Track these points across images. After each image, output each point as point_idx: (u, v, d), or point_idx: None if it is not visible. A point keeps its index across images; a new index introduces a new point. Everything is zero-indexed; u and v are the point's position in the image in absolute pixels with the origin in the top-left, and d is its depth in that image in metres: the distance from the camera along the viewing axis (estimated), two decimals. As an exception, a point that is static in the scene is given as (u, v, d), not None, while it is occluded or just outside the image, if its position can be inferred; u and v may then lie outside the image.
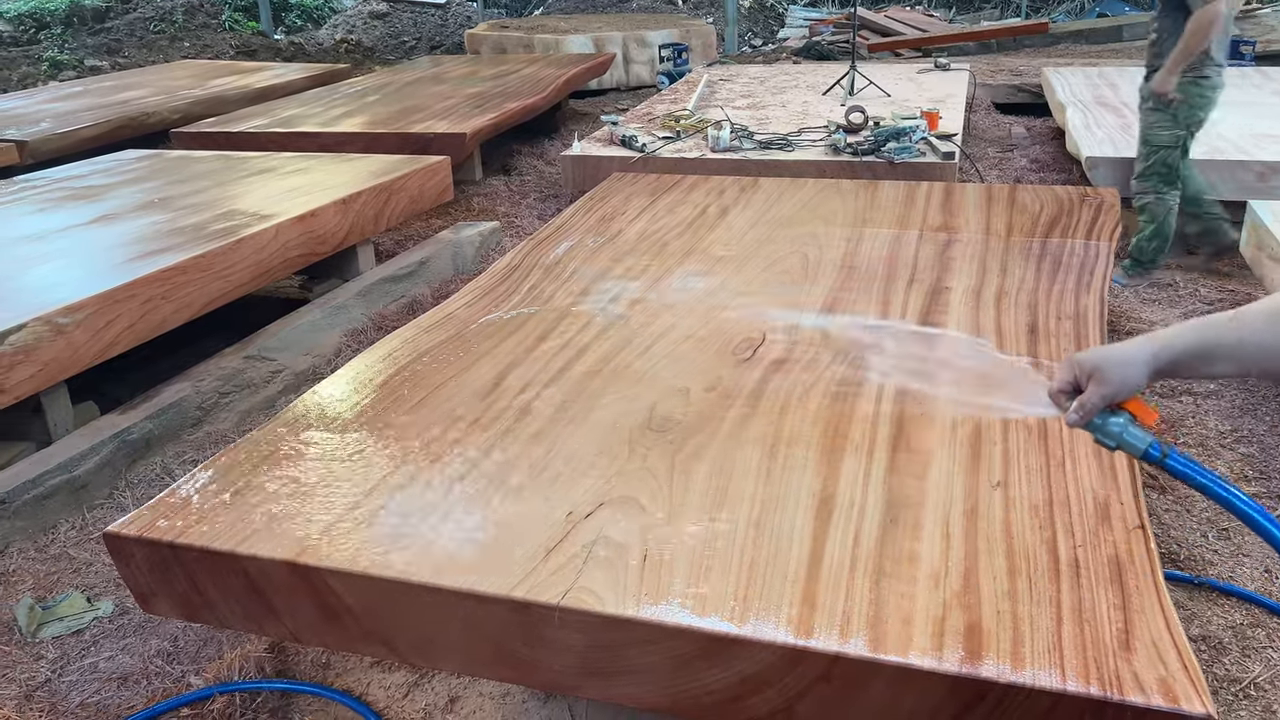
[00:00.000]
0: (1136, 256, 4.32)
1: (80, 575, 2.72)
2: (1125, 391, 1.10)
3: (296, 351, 3.84)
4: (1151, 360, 1.10)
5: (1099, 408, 1.10)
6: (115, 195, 4.34)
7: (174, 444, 3.30)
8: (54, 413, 3.10)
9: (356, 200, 4.24)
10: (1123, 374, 1.10)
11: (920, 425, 2.01)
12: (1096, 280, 2.81)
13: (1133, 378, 1.09)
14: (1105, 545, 1.61)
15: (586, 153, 5.55)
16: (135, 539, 1.78)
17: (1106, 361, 1.12)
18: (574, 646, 1.55)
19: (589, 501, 1.78)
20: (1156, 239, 4.23)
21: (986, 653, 1.38)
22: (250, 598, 1.75)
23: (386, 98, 6.83)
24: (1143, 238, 4.27)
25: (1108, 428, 1.10)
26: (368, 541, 1.70)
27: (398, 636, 1.69)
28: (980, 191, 3.73)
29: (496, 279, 3.02)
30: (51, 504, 2.91)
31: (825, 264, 3.00)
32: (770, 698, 1.48)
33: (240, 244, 3.62)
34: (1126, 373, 1.09)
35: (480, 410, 2.15)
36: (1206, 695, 1.30)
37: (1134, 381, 1.10)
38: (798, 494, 1.78)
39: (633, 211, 3.68)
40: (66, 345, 2.98)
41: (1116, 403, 1.11)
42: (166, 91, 7.42)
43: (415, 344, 2.53)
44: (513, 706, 2.16)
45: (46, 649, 2.44)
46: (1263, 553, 2.55)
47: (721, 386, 2.21)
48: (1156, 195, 4.19)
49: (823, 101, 6.59)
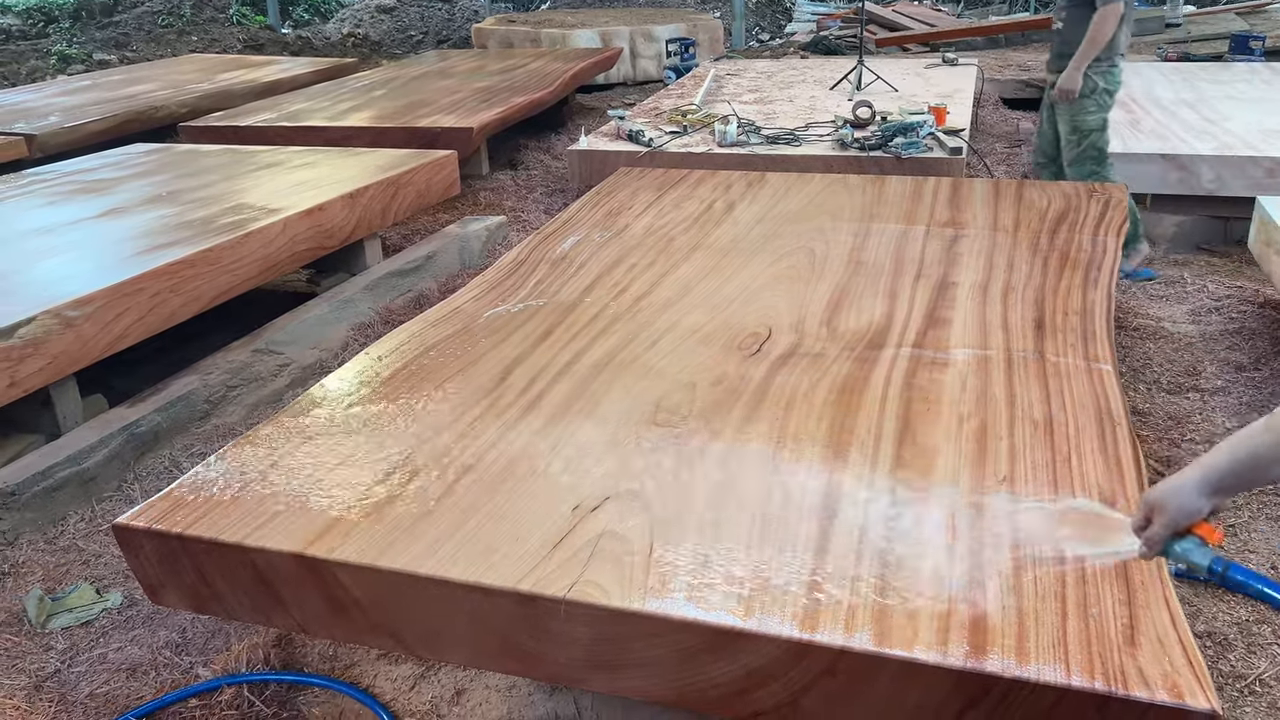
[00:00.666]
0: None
1: (89, 567, 2.73)
2: (1185, 517, 1.20)
3: (304, 345, 3.85)
4: (1201, 484, 1.20)
5: (1164, 538, 1.22)
6: (124, 189, 4.35)
7: (182, 437, 3.32)
8: (63, 405, 3.12)
9: (364, 194, 4.25)
10: (1179, 502, 1.20)
11: (926, 421, 2.01)
12: (1104, 276, 2.80)
13: (1188, 504, 1.19)
14: (1111, 541, 1.61)
15: (593, 147, 5.55)
16: (144, 531, 1.79)
17: (1163, 495, 1.22)
18: (580, 639, 1.56)
19: (595, 495, 1.79)
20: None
21: (991, 648, 1.39)
22: (258, 589, 1.76)
23: (393, 92, 6.83)
24: None
25: (1173, 552, 1.18)
26: (375, 534, 1.71)
27: (405, 628, 1.70)
28: (988, 187, 3.73)
29: (503, 273, 3.02)
30: (61, 496, 2.93)
31: (832, 259, 3.00)
32: (775, 691, 1.48)
33: (248, 238, 3.63)
34: (1182, 500, 1.20)
35: (487, 404, 2.16)
36: (1211, 691, 1.30)
37: (1190, 507, 1.19)
38: (803, 488, 1.79)
39: (639, 206, 3.68)
40: (76, 338, 3.00)
41: (1183, 529, 1.18)
42: (174, 86, 7.43)
43: (422, 338, 2.54)
44: (519, 699, 2.17)
45: (56, 640, 2.46)
46: (1269, 549, 2.55)
47: (728, 381, 2.22)
48: (1094, 176, 4.33)
49: (830, 96, 6.58)
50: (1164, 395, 3.35)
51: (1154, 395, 3.34)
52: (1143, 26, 10.01)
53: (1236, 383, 3.40)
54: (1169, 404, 3.28)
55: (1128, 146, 4.76)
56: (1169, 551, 1.19)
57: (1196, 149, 4.66)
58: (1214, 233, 4.76)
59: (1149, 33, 9.86)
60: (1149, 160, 4.64)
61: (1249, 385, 3.37)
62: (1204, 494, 1.17)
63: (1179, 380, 3.43)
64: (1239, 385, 3.38)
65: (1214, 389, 3.37)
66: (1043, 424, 1.98)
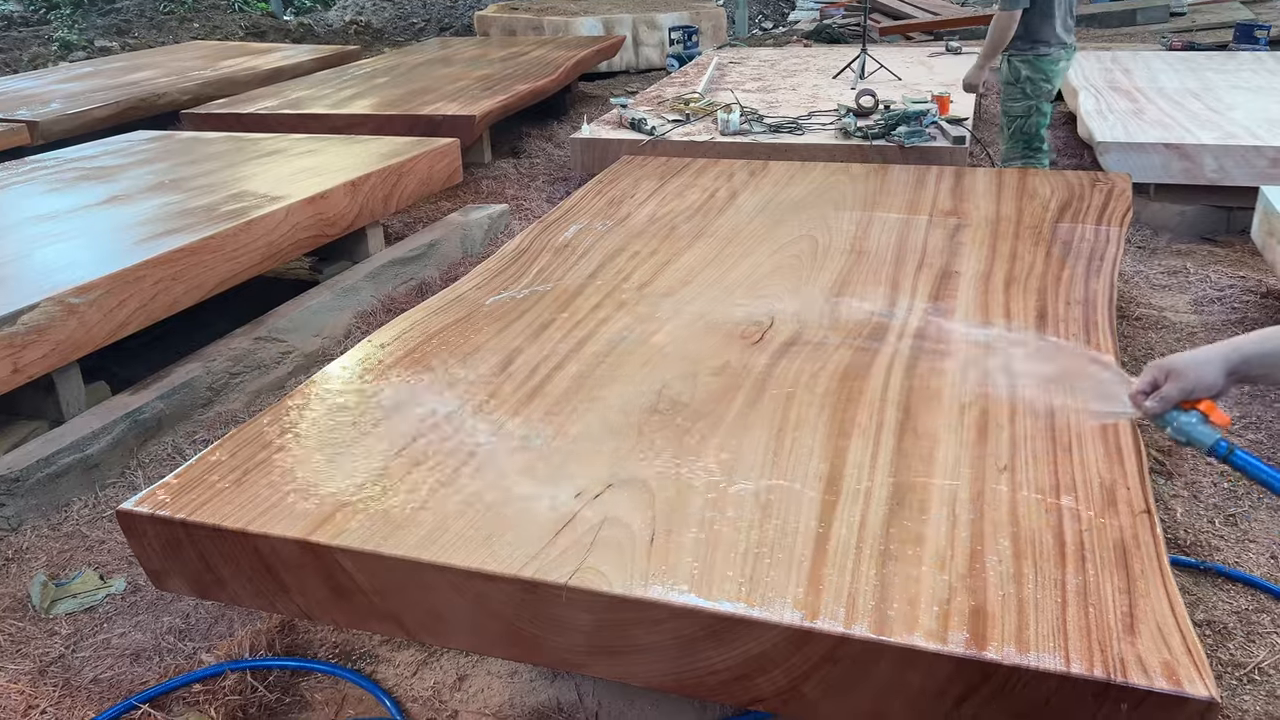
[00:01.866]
0: None
1: (93, 553, 2.75)
2: (1201, 389, 1.16)
3: (307, 333, 3.85)
4: (1223, 360, 1.16)
5: (1175, 399, 1.17)
6: (126, 176, 4.35)
7: (185, 424, 3.33)
8: (66, 392, 3.13)
9: (366, 182, 4.25)
10: (1198, 372, 1.16)
11: (928, 409, 2.01)
12: (1106, 265, 2.80)
13: (1207, 376, 1.15)
14: (1111, 529, 1.61)
15: (596, 135, 5.54)
16: (148, 517, 1.80)
17: (1183, 361, 1.19)
18: (581, 626, 1.56)
19: (598, 483, 1.80)
20: None
21: (991, 635, 1.39)
22: (261, 576, 1.77)
23: (396, 79, 6.82)
24: None
25: (1180, 422, 1.15)
26: (378, 521, 1.72)
27: (407, 614, 1.71)
28: (991, 176, 3.72)
29: (506, 261, 3.02)
30: (64, 482, 2.94)
31: (834, 248, 3.00)
32: (776, 678, 1.49)
33: (251, 225, 3.63)
34: (1201, 371, 1.16)
35: (489, 392, 2.16)
36: (1210, 679, 1.31)
37: (1209, 379, 1.15)
38: (804, 477, 1.79)
39: (642, 194, 3.68)
40: (79, 325, 3.00)
41: (1192, 401, 1.15)
42: (176, 72, 7.41)
43: (425, 326, 2.54)
44: (520, 685, 2.18)
45: (60, 625, 2.47)
46: (1269, 538, 2.56)
47: (729, 370, 2.22)
48: (1024, 160, 4.64)
49: (833, 85, 6.56)
50: (1166, 385, 3.35)
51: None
52: (1147, 15, 9.98)
53: (1238, 373, 3.40)
54: (1171, 394, 3.28)
55: (1131, 136, 4.75)
56: (1170, 420, 1.16)
57: (1200, 138, 4.65)
58: (1217, 223, 4.75)
59: (1154, 21, 9.83)
60: (1153, 150, 4.62)
61: (1251, 375, 3.37)
62: (1224, 371, 1.14)
63: (1181, 370, 3.43)
64: (1241, 375, 3.38)
65: (1216, 379, 3.37)
66: (1044, 413, 1.98)
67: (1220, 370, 1.14)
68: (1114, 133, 4.82)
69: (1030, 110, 4.59)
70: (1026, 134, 4.63)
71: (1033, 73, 4.53)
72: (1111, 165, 4.64)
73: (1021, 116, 4.61)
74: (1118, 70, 6.41)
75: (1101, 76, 6.19)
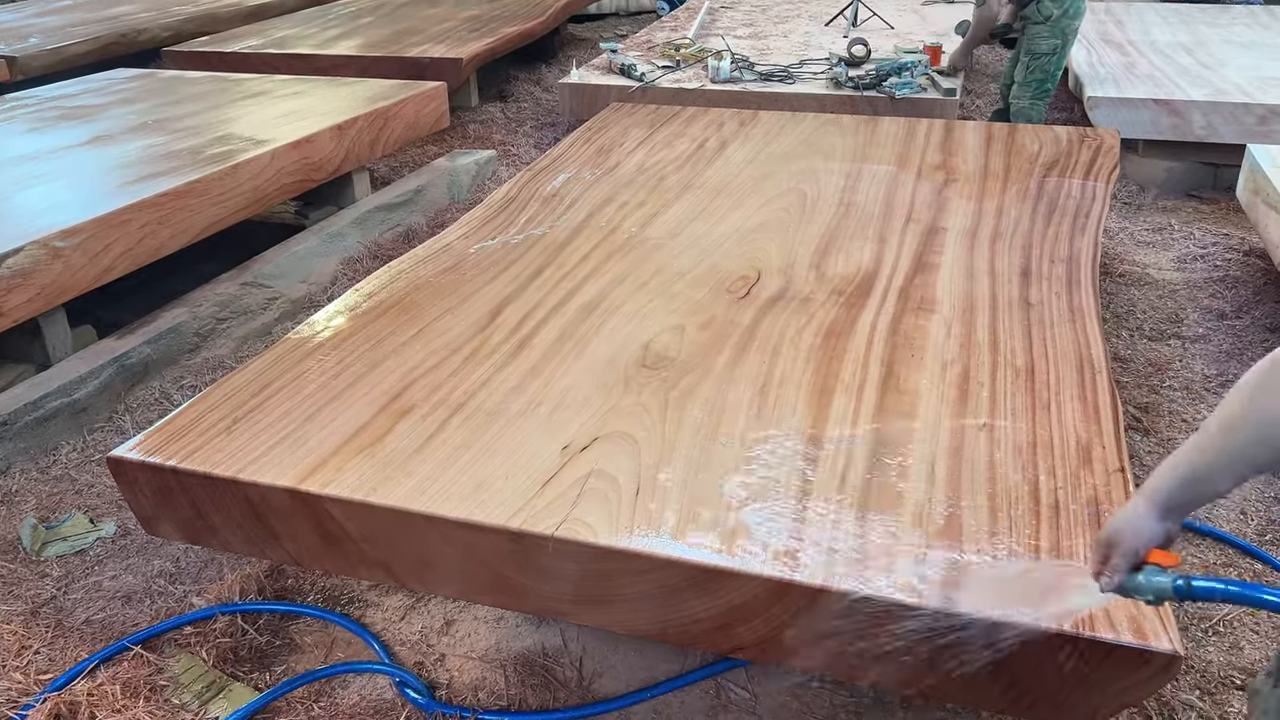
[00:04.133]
0: None
1: (82, 496, 2.77)
2: (1143, 543, 1.15)
3: (293, 279, 3.84)
4: (1150, 507, 1.15)
5: (1125, 569, 1.16)
6: (108, 116, 4.29)
7: (172, 369, 3.33)
8: (52, 336, 3.12)
9: (352, 126, 4.21)
10: (1134, 529, 1.16)
11: (910, 366, 2.04)
12: (1091, 223, 2.82)
13: (1144, 530, 1.15)
14: (1085, 487, 1.65)
15: (585, 81, 5.49)
16: (139, 463, 1.82)
17: (1116, 527, 1.18)
18: (567, 575, 1.60)
19: (585, 435, 1.82)
20: None
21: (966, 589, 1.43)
22: (252, 523, 1.80)
23: (381, 20, 6.71)
24: None
25: (1134, 583, 1.16)
26: (367, 470, 1.74)
27: (396, 562, 1.74)
28: (980, 130, 3.72)
29: (494, 210, 3.02)
30: (52, 426, 2.95)
31: (823, 202, 3.01)
32: (757, 627, 1.54)
33: (236, 169, 3.60)
34: (1138, 527, 1.16)
35: (477, 343, 2.18)
36: (1175, 634, 1.36)
37: (1147, 532, 1.15)
38: (788, 431, 1.82)
39: (631, 143, 3.66)
40: (64, 269, 2.99)
41: (1141, 559, 1.16)
42: (157, 7, 7.26)
43: (413, 274, 2.54)
44: (507, 630, 2.23)
45: (51, 567, 2.50)
46: (1240, 495, 2.61)
47: (716, 324, 2.24)
48: (1033, 100, 4.78)
49: (825, 33, 6.50)
50: (1146, 342, 3.39)
51: (1136, 342, 3.39)
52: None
53: (1218, 330, 3.44)
54: (1150, 350, 3.33)
55: (1122, 91, 4.73)
56: (1132, 585, 1.17)
57: (1190, 94, 4.64)
58: (1204, 179, 4.77)
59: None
60: (1142, 106, 4.62)
61: (1229, 333, 3.41)
62: (1156, 517, 1.14)
63: (1161, 327, 3.48)
64: (1220, 333, 3.42)
65: (1195, 336, 3.41)
66: (1024, 371, 2.02)
67: (1154, 518, 1.14)
68: (1104, 88, 4.80)
69: (1055, 49, 4.69)
70: (1045, 72, 4.74)
71: (1061, 13, 4.62)
72: (1101, 120, 4.63)
73: (1046, 54, 4.71)
74: (1111, 23, 6.37)
75: (1094, 29, 6.14)
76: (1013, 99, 4.89)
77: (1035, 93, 4.78)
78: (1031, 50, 4.75)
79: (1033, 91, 4.78)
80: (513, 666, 2.12)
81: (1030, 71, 4.76)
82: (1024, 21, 4.78)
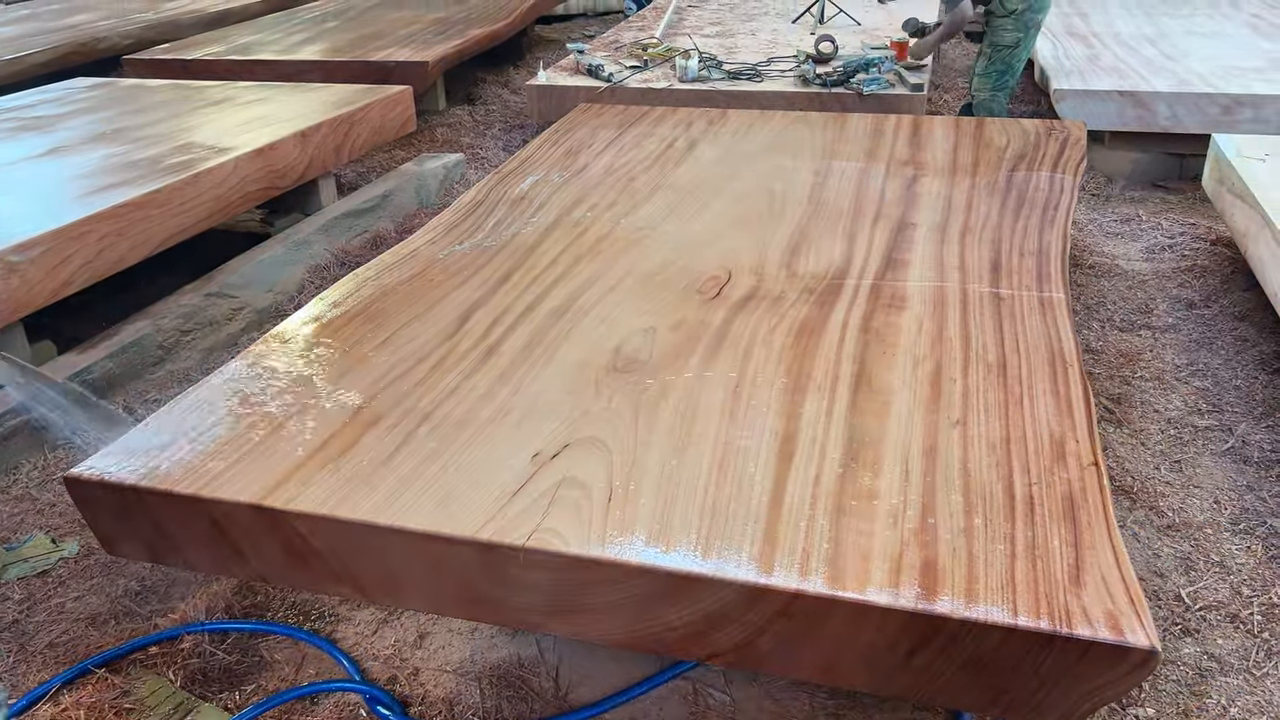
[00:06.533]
0: None
1: (44, 516, 2.71)
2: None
3: (259, 288, 3.79)
4: None
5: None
6: (66, 126, 4.22)
7: (135, 383, 3.27)
8: (11, 352, 3.05)
9: (317, 132, 4.15)
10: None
11: (883, 364, 2.02)
12: (1060, 215, 2.82)
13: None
14: (1060, 483, 1.64)
15: (552, 82, 5.45)
16: (97, 482, 1.77)
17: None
18: (540, 586, 1.57)
19: (555, 443, 1.79)
20: None
21: (941, 589, 1.42)
22: (216, 540, 1.76)
23: (346, 24, 6.65)
24: None
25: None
26: (333, 483, 1.70)
27: (365, 577, 1.70)
28: (948, 125, 3.72)
29: (461, 214, 2.98)
30: (12, 445, 2.89)
31: (792, 200, 2.99)
32: (732, 633, 1.51)
33: (198, 178, 3.54)
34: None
35: (445, 350, 2.14)
36: (1152, 630, 1.34)
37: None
38: (760, 434, 1.80)
39: (599, 144, 3.63)
40: (20, 283, 2.92)
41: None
42: (118, 15, 7.16)
43: (379, 281, 2.50)
44: (481, 641, 2.19)
45: (12, 590, 2.44)
46: (1213, 484, 2.62)
47: (687, 326, 2.21)
48: (993, 92, 4.83)
49: (793, 30, 6.50)
50: (1116, 332, 3.40)
51: (1107, 333, 3.40)
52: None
53: (1187, 320, 3.46)
54: (1121, 341, 3.34)
55: (1087, 83, 4.76)
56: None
57: (1154, 85, 4.67)
58: (1170, 170, 4.80)
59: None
60: (1107, 97, 4.64)
61: (1199, 322, 3.43)
62: None
63: (1131, 318, 3.49)
64: (1189, 322, 3.44)
65: (1165, 326, 3.43)
66: (996, 366, 2.01)
67: None
68: (1070, 80, 4.83)
69: (1018, 41, 4.72)
70: (1007, 64, 4.77)
71: (1025, 7, 4.64)
72: (1067, 113, 4.66)
73: (1009, 47, 4.73)
74: (1075, 16, 6.41)
75: (1059, 22, 6.18)
76: (974, 91, 4.95)
77: (995, 84, 4.83)
78: (994, 42, 4.79)
79: (993, 83, 4.83)
80: (488, 679, 2.09)
81: (992, 63, 4.80)
82: (988, 15, 4.80)
